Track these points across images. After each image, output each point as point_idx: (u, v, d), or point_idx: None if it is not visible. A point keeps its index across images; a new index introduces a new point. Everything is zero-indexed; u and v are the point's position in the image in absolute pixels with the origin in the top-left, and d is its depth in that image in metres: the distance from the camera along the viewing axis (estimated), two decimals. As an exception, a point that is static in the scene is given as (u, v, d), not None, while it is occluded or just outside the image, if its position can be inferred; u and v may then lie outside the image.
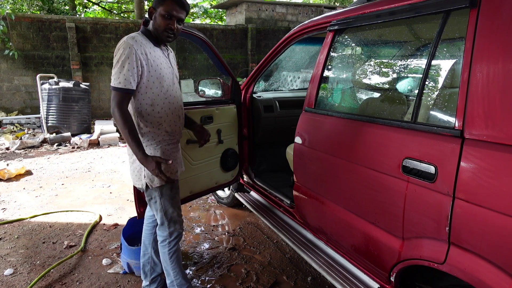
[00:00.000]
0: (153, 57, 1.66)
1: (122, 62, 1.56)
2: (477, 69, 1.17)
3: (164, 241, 1.86)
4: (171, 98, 1.75)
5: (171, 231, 1.84)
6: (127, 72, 1.56)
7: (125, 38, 1.61)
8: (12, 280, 2.27)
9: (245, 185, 3.03)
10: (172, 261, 1.87)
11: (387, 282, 1.55)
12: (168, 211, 1.81)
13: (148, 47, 1.65)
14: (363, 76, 2.12)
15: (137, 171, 1.76)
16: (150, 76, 1.65)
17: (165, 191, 1.79)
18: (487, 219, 1.11)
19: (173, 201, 1.83)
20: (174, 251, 1.87)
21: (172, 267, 1.89)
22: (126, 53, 1.56)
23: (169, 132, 1.77)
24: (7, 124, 7.23)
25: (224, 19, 15.98)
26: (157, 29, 1.66)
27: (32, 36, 7.92)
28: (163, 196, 1.78)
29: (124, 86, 1.57)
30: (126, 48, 1.56)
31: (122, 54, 1.57)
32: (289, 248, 2.69)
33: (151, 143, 1.73)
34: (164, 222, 1.82)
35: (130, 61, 1.56)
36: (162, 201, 1.79)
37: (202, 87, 2.85)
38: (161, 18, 1.63)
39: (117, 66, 1.58)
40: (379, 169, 1.49)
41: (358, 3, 1.80)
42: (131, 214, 3.25)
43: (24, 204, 3.50)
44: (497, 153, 1.09)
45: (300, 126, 2.05)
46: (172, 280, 1.90)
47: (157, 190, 1.77)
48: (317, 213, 1.98)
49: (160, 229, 1.85)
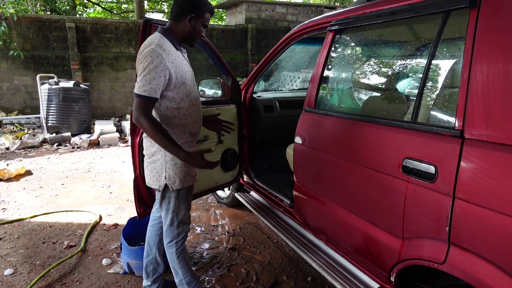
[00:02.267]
0: (178, 63, 1.68)
1: (149, 71, 1.56)
2: (477, 69, 1.17)
3: (171, 241, 1.86)
4: (194, 100, 1.78)
5: (179, 231, 1.85)
6: (153, 81, 1.57)
7: (153, 46, 1.59)
8: (12, 280, 2.27)
9: (245, 185, 3.03)
10: (180, 260, 1.89)
11: (387, 282, 1.55)
12: (180, 213, 1.83)
13: (173, 53, 1.67)
14: (363, 76, 2.12)
15: (156, 171, 1.76)
16: (177, 82, 1.67)
17: (182, 193, 1.80)
18: (487, 219, 1.11)
19: (187, 204, 1.85)
20: (182, 250, 1.89)
21: (180, 266, 1.90)
22: (155, 63, 1.56)
23: (193, 134, 1.80)
24: (7, 124, 7.23)
25: (224, 19, 15.99)
26: (193, 36, 1.75)
27: (32, 36, 7.92)
28: (179, 197, 1.80)
29: (149, 95, 1.57)
30: (155, 57, 1.56)
31: (150, 63, 1.56)
32: (289, 248, 2.69)
33: None
34: (174, 223, 1.83)
35: (157, 71, 1.57)
36: (176, 202, 1.80)
37: (202, 87, 2.85)
38: (201, 27, 1.74)
39: (144, 74, 1.57)
40: (379, 169, 1.49)
41: (358, 3, 1.80)
42: (131, 214, 3.25)
43: (24, 204, 3.50)
44: (497, 153, 1.09)
45: (300, 126, 2.05)
46: (181, 278, 1.91)
47: (175, 191, 1.78)
48: (317, 213, 1.98)
49: (168, 230, 1.86)
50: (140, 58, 1.63)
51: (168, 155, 1.72)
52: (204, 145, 2.44)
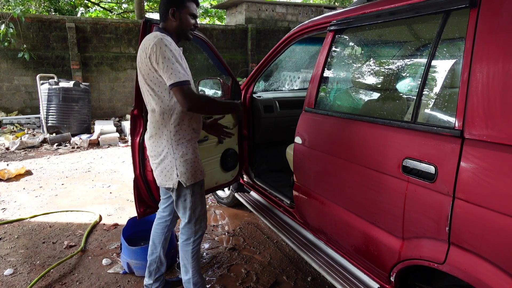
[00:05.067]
0: (180, 55, 1.70)
1: (170, 59, 1.55)
2: (477, 69, 1.17)
3: (188, 239, 1.86)
4: None
5: (197, 229, 1.85)
6: (179, 67, 1.57)
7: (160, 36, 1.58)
8: (12, 280, 2.27)
9: (245, 185, 3.03)
10: (194, 259, 1.89)
11: (387, 282, 1.55)
12: (197, 209, 1.82)
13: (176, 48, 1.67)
14: (363, 76, 2.12)
15: (166, 170, 1.75)
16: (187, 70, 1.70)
17: (197, 188, 1.80)
18: (487, 219, 1.11)
19: (202, 199, 1.85)
20: (197, 250, 1.89)
21: (192, 265, 1.90)
22: (172, 50, 1.58)
23: (195, 130, 1.80)
24: (7, 124, 7.23)
25: (224, 19, 15.98)
26: (184, 29, 1.74)
27: (32, 36, 7.92)
28: (194, 194, 1.80)
29: (185, 78, 1.57)
30: (169, 45, 1.57)
31: (169, 51, 1.56)
32: (289, 248, 2.69)
33: (183, 142, 1.74)
34: (192, 220, 1.83)
35: (176, 58, 1.58)
36: (192, 199, 1.80)
37: (202, 87, 2.85)
38: (189, 18, 1.72)
39: (167, 64, 1.55)
40: (379, 169, 1.49)
41: (358, 3, 1.80)
42: (131, 214, 3.25)
43: (24, 204, 3.50)
44: (497, 153, 1.09)
45: (300, 126, 2.05)
46: (190, 277, 1.91)
47: (189, 188, 1.77)
48: (317, 213, 1.98)
49: (186, 227, 1.85)
50: (149, 52, 1.58)
51: (176, 152, 1.72)
52: (204, 145, 2.44)
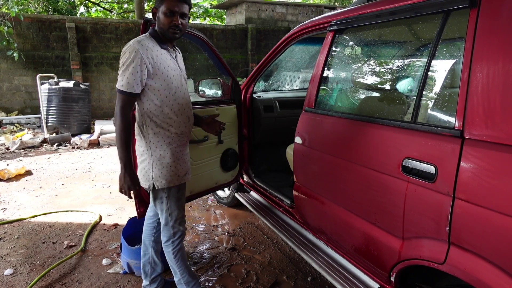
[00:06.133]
0: (160, 60, 1.67)
1: (127, 66, 1.59)
2: (477, 69, 1.17)
3: (168, 240, 1.87)
4: (179, 100, 1.77)
5: (175, 231, 1.85)
6: (131, 76, 1.58)
7: (132, 41, 1.62)
8: (12, 280, 2.27)
9: (245, 185, 3.03)
10: (177, 259, 1.89)
11: (387, 282, 1.55)
12: (174, 213, 1.83)
13: (155, 50, 1.66)
14: (363, 76, 2.12)
15: (144, 171, 1.77)
16: (158, 79, 1.67)
17: (172, 192, 1.80)
18: (487, 219, 1.11)
19: (179, 203, 1.84)
20: (179, 249, 1.89)
21: (178, 266, 1.90)
22: (132, 57, 1.58)
23: (179, 134, 1.78)
24: (7, 124, 7.23)
25: (224, 19, 15.98)
26: (162, 28, 1.67)
27: (32, 36, 7.92)
28: (170, 197, 1.80)
29: (127, 90, 1.59)
30: (132, 52, 1.58)
31: (127, 58, 1.59)
32: (289, 248, 2.69)
33: (161, 144, 1.74)
34: (169, 223, 1.84)
35: (134, 65, 1.58)
36: (168, 202, 1.80)
37: (202, 87, 2.84)
38: (164, 16, 1.64)
39: (122, 69, 1.60)
40: (379, 169, 1.49)
41: (358, 3, 1.80)
42: (131, 214, 3.26)
43: (24, 204, 3.50)
44: (497, 153, 1.09)
45: (300, 126, 2.05)
46: (179, 278, 1.92)
47: (164, 191, 1.78)
48: (317, 213, 1.98)
49: (164, 229, 1.86)
50: (121, 54, 1.64)
51: (154, 154, 1.73)
52: (204, 145, 2.44)
